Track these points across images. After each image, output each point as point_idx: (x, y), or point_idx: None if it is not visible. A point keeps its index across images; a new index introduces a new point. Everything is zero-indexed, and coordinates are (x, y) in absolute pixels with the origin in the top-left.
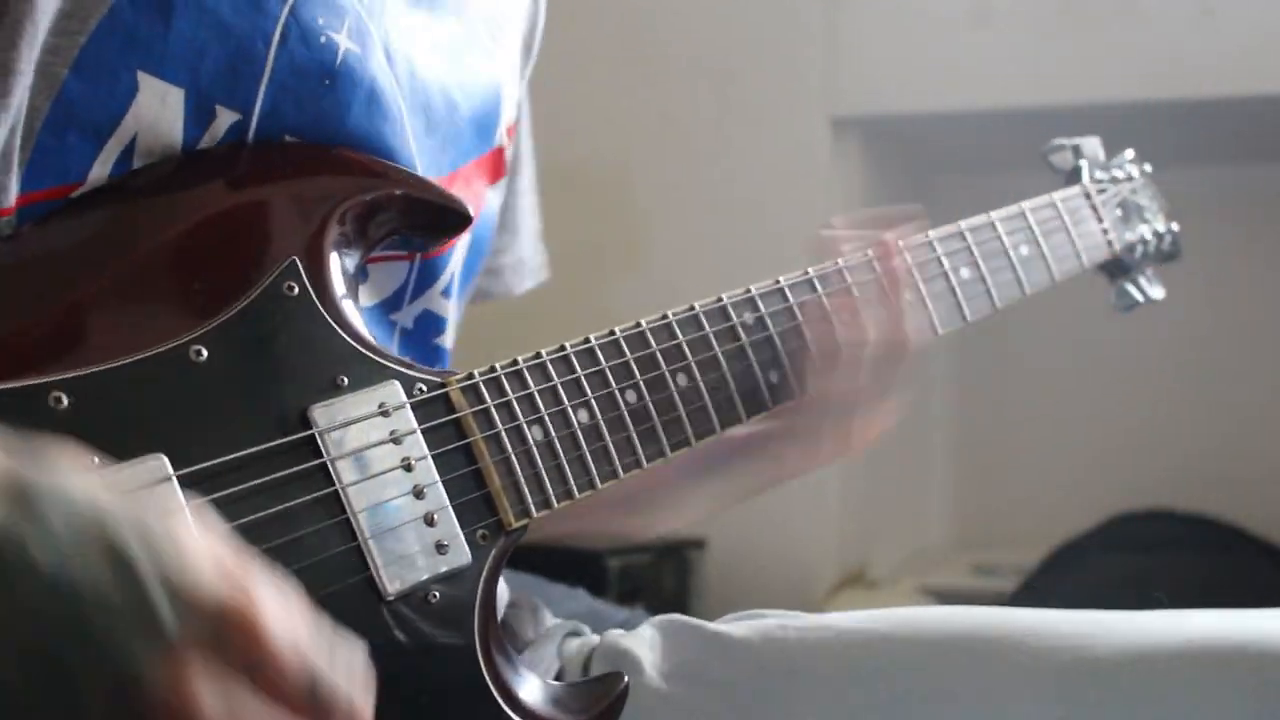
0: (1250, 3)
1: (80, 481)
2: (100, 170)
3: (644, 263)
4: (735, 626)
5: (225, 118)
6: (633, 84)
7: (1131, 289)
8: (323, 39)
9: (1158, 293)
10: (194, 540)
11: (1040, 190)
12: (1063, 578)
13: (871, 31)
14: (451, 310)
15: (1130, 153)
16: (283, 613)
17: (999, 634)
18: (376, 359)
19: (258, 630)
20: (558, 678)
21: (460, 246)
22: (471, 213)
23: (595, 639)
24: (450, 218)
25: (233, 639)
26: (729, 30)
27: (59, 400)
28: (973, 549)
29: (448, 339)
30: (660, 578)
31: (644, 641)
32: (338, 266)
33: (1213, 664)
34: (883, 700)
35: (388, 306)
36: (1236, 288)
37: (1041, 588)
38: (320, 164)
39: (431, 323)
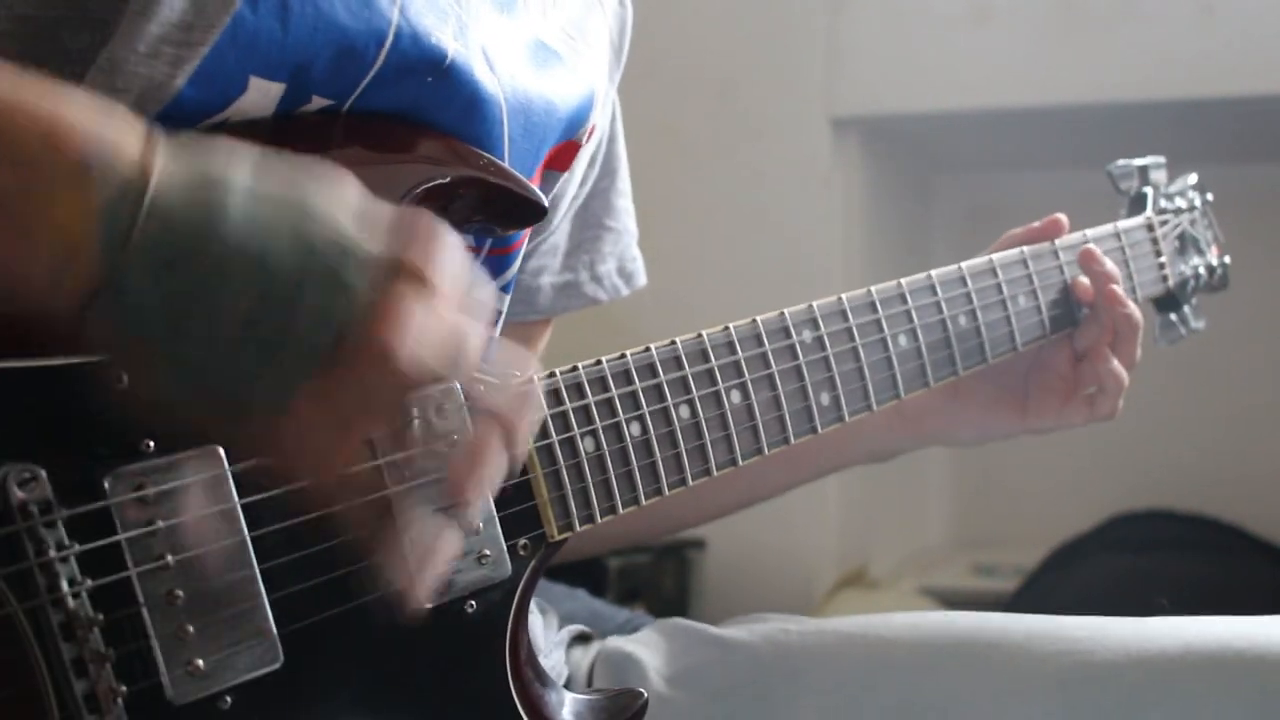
0: (1250, 2)
1: (249, 171)
2: None
3: (646, 262)
4: (737, 630)
5: (318, 103)
6: (633, 83)
7: (1177, 322)
8: (433, 39)
9: (1200, 324)
10: (354, 205)
11: (1039, 190)
12: (1063, 578)
13: (871, 32)
14: (505, 304)
15: (1193, 177)
16: (444, 258)
17: (1001, 639)
18: None
19: (424, 273)
20: (566, 684)
21: (524, 247)
22: (547, 204)
23: (599, 644)
24: (527, 208)
25: (407, 284)
26: (729, 31)
27: (120, 379)
28: (973, 549)
29: (497, 330)
30: (660, 578)
31: (647, 646)
32: None
33: (1214, 670)
34: (885, 704)
35: None
36: (1236, 287)
37: (1041, 588)
38: (405, 143)
39: None
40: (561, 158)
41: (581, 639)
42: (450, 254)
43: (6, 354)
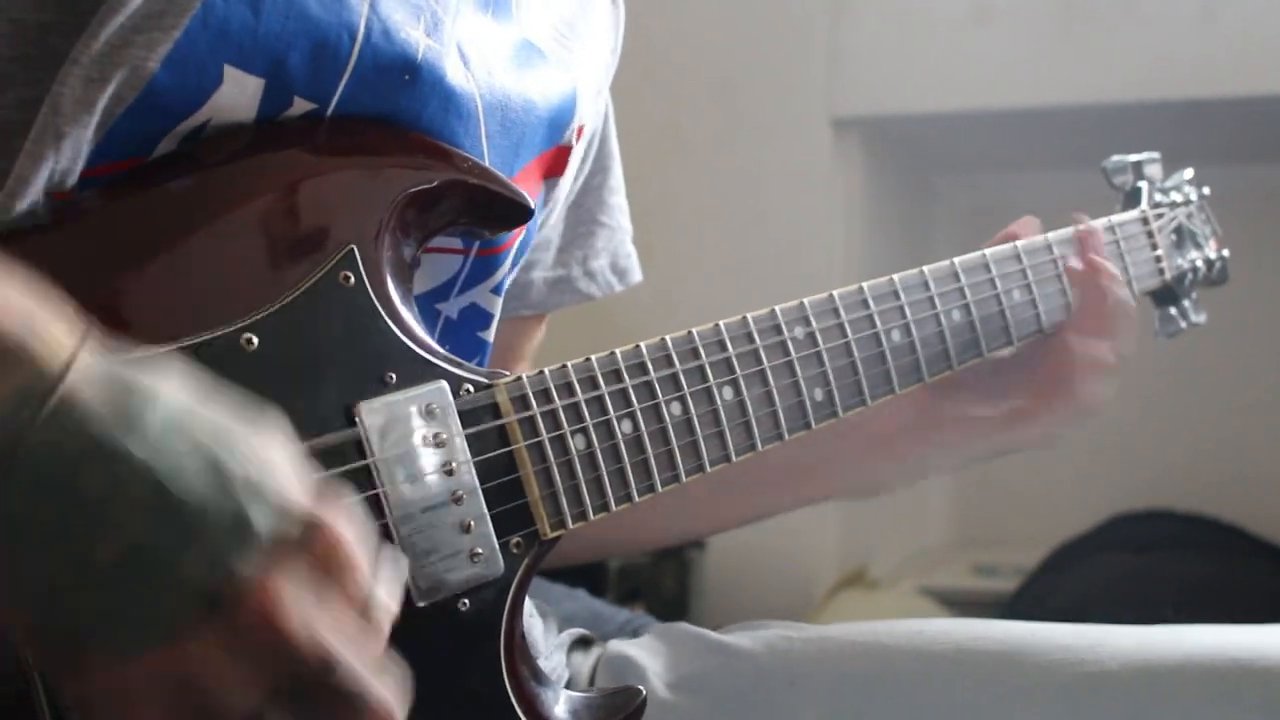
0: (1249, 3)
1: (177, 390)
2: (168, 145)
3: (646, 262)
4: (739, 637)
5: (301, 106)
6: (635, 83)
7: (1176, 315)
8: (403, 34)
9: (1200, 318)
10: (280, 455)
11: (1040, 190)
12: (1063, 578)
13: (872, 32)
14: (498, 306)
15: (1189, 172)
16: (355, 531)
17: (1002, 647)
18: (426, 356)
19: (338, 542)
20: (566, 687)
21: (514, 249)
22: (533, 205)
23: (601, 647)
24: (512, 210)
25: (315, 547)
26: (730, 31)
27: None
28: (973, 549)
29: (491, 333)
30: (660, 578)
31: (649, 650)
32: (395, 256)
33: (1217, 680)
34: (887, 713)
35: (435, 296)
36: (1236, 287)
37: (1041, 588)
38: (389, 147)
39: (477, 316)
40: (557, 163)
41: (583, 642)
42: (359, 541)
43: None
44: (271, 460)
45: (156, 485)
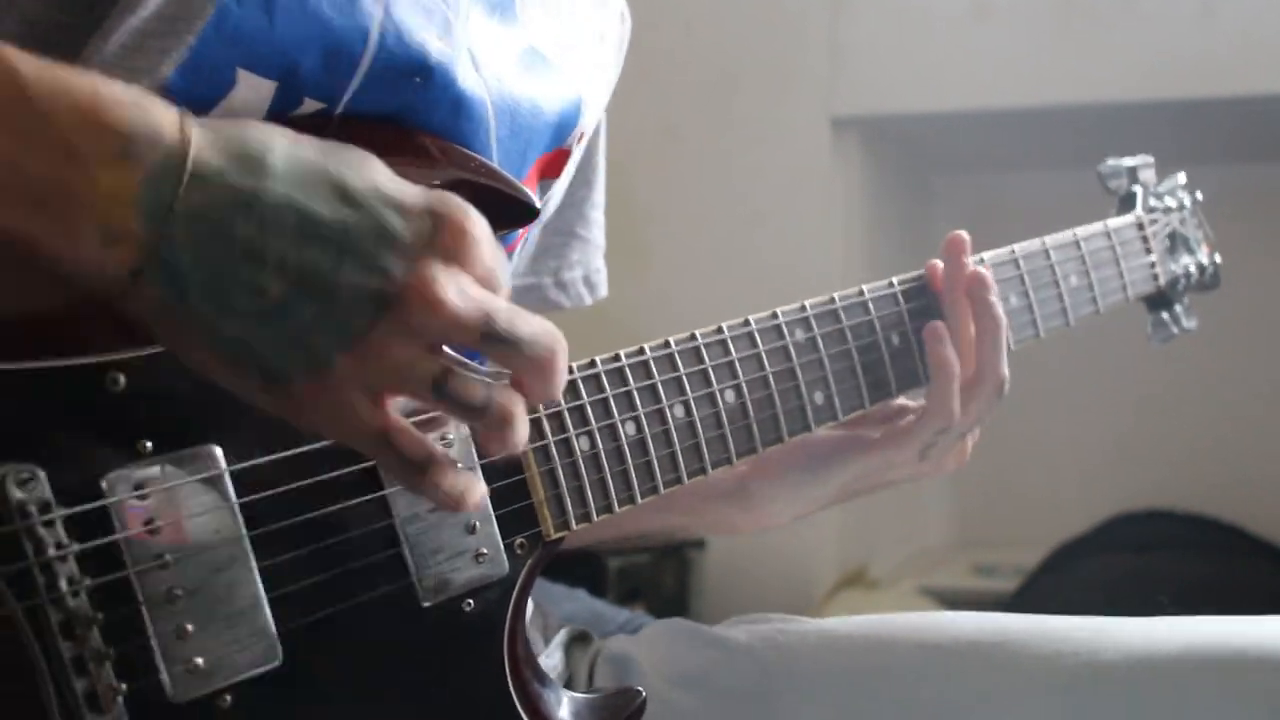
0: (1249, 2)
1: (282, 134)
2: None
3: (645, 262)
4: (736, 631)
5: (310, 106)
6: (634, 83)
7: (1169, 321)
8: (417, 37)
9: (1192, 324)
10: (384, 169)
11: (1038, 190)
12: (1063, 578)
13: (871, 31)
14: None
15: (1182, 177)
16: (476, 221)
17: (1003, 639)
18: None
19: (467, 227)
20: (566, 685)
21: (520, 248)
22: (539, 205)
23: (599, 644)
24: (519, 210)
25: (446, 233)
26: (730, 31)
27: (115, 381)
28: (973, 549)
29: None
30: (660, 577)
31: (647, 646)
32: None
33: (1217, 670)
34: (884, 705)
35: None
36: (1236, 287)
37: (1041, 588)
38: (396, 146)
39: None
40: (554, 165)
41: (581, 639)
42: (480, 220)
43: (6, 356)
44: (381, 173)
45: (300, 215)
